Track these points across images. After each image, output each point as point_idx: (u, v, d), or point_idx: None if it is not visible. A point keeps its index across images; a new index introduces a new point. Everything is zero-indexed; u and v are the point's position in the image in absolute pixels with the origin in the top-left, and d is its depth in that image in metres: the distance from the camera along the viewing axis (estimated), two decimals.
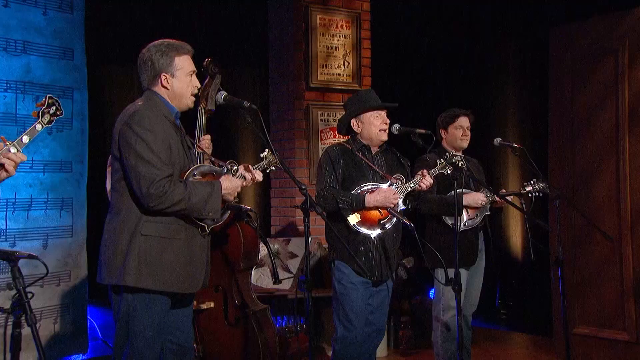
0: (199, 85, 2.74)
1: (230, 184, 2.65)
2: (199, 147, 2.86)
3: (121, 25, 5.22)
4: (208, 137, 2.98)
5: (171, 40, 2.70)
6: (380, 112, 3.47)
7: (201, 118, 3.10)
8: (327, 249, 4.55)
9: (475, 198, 3.80)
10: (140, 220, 2.54)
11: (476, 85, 6.44)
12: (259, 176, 2.80)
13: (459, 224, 3.33)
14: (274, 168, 2.98)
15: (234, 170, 2.73)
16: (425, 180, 3.37)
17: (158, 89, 2.68)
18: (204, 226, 2.63)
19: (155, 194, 2.47)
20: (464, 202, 3.78)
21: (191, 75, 2.69)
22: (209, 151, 2.93)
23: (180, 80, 2.67)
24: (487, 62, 6.45)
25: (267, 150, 2.91)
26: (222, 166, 2.75)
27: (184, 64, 2.67)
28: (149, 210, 2.52)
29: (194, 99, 2.74)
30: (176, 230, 2.58)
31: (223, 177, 2.67)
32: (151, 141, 2.50)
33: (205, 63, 3.07)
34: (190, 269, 2.63)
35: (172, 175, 2.52)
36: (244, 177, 2.75)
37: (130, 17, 5.54)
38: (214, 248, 2.93)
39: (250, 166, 2.82)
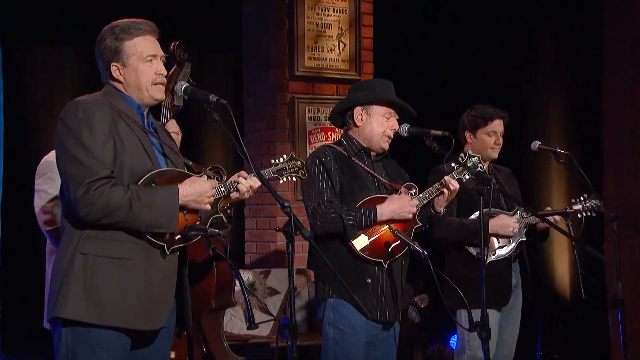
0: (164, 72, 2.76)
1: (193, 189, 2.65)
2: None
3: None
4: (172, 123, 3.00)
5: (127, 20, 2.73)
6: (393, 113, 3.50)
7: (165, 116, 3.13)
8: (314, 283, 4.56)
9: (503, 223, 3.83)
10: (81, 236, 2.58)
11: (507, 73, 6.49)
12: (254, 183, 2.81)
13: (485, 253, 3.36)
14: (294, 178, 2.99)
15: (216, 179, 2.74)
16: (451, 184, 3.35)
17: (113, 82, 2.73)
18: (163, 246, 2.64)
19: (84, 199, 2.50)
20: (491, 230, 3.78)
21: (150, 60, 2.71)
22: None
23: (134, 69, 2.69)
24: (522, 44, 6.52)
25: (287, 154, 2.94)
26: (202, 172, 2.76)
27: (138, 47, 2.69)
28: (85, 222, 2.55)
29: (160, 88, 2.75)
30: (127, 249, 2.60)
31: (186, 180, 2.68)
32: (85, 136, 2.54)
33: (171, 47, 3.11)
34: (148, 300, 2.63)
35: (110, 178, 2.55)
36: (236, 187, 2.76)
37: None
38: None
39: (243, 174, 2.83)
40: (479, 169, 3.50)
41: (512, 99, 5.99)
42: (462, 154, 3.53)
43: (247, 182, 2.81)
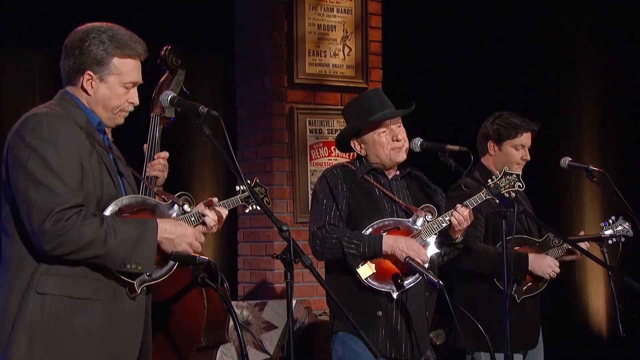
0: (136, 102, 2.79)
1: (174, 228, 2.69)
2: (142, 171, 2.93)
3: None
4: (164, 155, 3.03)
5: (122, 30, 2.75)
6: (389, 123, 3.56)
7: (155, 129, 3.15)
8: (318, 316, 4.56)
9: (544, 264, 3.84)
10: (36, 272, 2.57)
11: (533, 79, 6.52)
12: (223, 212, 2.85)
13: (513, 286, 3.37)
14: (258, 207, 2.99)
15: (183, 208, 2.78)
16: (456, 213, 3.41)
17: (75, 90, 2.74)
18: (133, 284, 2.66)
19: (53, 230, 2.48)
20: (529, 267, 3.83)
21: (129, 88, 2.75)
22: (163, 175, 2.99)
23: (110, 88, 2.72)
24: (551, 46, 6.55)
25: (251, 180, 2.94)
26: (170, 200, 2.80)
27: (124, 68, 2.72)
28: (46, 256, 2.55)
29: (125, 115, 2.79)
30: (91, 288, 2.62)
31: (167, 218, 2.71)
32: (51, 157, 2.53)
33: (163, 52, 3.14)
34: (114, 345, 2.66)
35: (81, 206, 2.54)
36: (203, 220, 2.80)
37: None
38: (163, 315, 2.95)
39: (214, 200, 2.86)
40: (516, 188, 3.53)
41: (539, 107, 6.02)
42: (496, 172, 3.56)
43: (213, 215, 2.83)
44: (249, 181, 3.39)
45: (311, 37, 5.48)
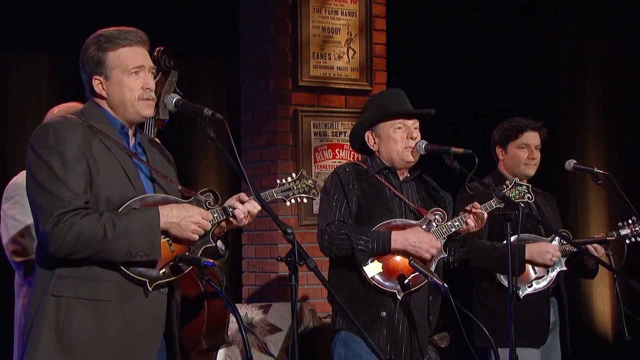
0: (152, 87, 2.81)
1: (176, 211, 2.70)
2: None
3: None
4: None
5: (115, 29, 2.79)
6: (405, 121, 3.57)
7: (150, 131, 3.16)
8: (323, 319, 4.56)
9: (541, 250, 3.86)
10: (52, 275, 2.63)
11: (537, 80, 6.52)
12: (253, 208, 2.86)
13: (515, 284, 3.37)
14: (305, 200, 3.02)
15: (208, 204, 2.80)
16: (472, 217, 3.43)
17: (96, 98, 2.80)
18: (145, 282, 2.68)
19: (53, 233, 2.55)
20: (527, 255, 3.84)
21: (136, 72, 2.76)
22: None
23: (118, 84, 2.75)
24: (555, 45, 6.55)
25: (297, 172, 2.96)
26: (192, 197, 2.80)
27: (123, 59, 2.75)
28: (57, 259, 2.60)
29: (149, 104, 2.80)
30: (104, 288, 2.64)
31: (169, 203, 2.73)
32: (56, 165, 2.60)
33: (155, 54, 3.14)
34: (127, 345, 2.68)
35: (82, 209, 2.60)
36: (233, 213, 2.81)
37: None
38: None
39: (245, 195, 2.87)
40: (526, 199, 3.54)
41: (543, 110, 6.01)
42: (507, 182, 3.58)
43: (244, 208, 2.86)
44: (251, 180, 3.40)
45: (315, 39, 5.49)
